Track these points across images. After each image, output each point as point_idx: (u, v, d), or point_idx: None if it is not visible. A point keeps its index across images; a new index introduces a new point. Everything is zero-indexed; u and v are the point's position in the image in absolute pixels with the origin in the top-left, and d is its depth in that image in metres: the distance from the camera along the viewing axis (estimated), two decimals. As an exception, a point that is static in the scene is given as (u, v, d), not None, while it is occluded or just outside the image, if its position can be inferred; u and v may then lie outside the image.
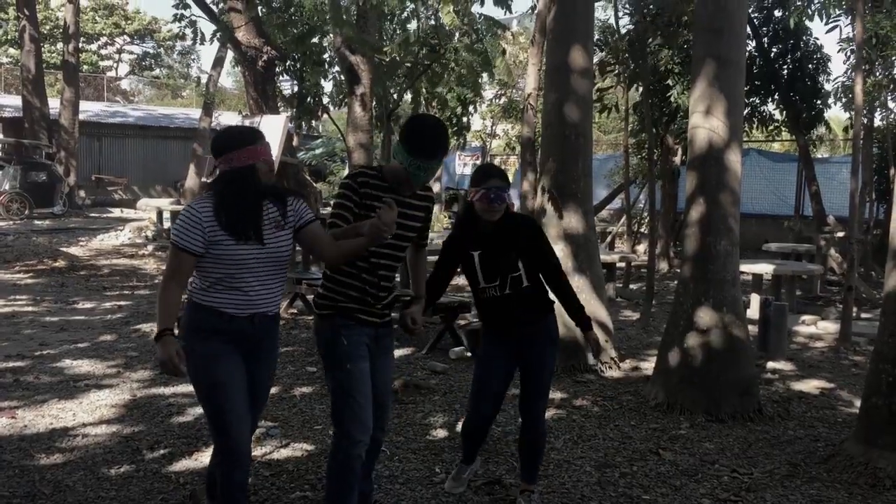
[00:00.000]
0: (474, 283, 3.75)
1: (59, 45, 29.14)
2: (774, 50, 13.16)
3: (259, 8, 14.75)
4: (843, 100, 13.02)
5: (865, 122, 12.14)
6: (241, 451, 3.13)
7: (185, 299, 3.19)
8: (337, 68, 13.00)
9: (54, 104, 22.43)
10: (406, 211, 3.30)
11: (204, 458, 4.42)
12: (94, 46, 40.61)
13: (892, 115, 12.97)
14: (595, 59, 9.65)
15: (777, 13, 13.07)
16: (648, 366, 6.49)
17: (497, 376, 3.83)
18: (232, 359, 3.11)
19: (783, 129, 14.47)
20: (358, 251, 3.15)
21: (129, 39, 42.20)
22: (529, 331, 3.78)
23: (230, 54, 20.37)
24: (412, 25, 10.17)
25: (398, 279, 8.18)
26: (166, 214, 16.18)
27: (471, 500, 3.99)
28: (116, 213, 21.63)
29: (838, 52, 13.28)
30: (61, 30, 25.40)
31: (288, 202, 3.16)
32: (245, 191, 3.04)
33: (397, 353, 6.94)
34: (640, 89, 11.10)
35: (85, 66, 35.26)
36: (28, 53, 21.09)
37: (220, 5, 16.41)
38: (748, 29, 11.21)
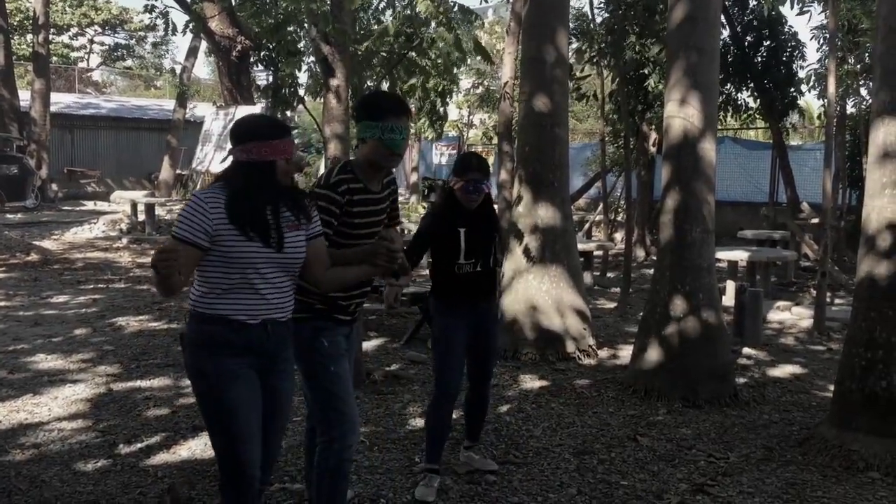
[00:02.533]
0: (452, 258, 3.86)
1: (29, 37, 28.69)
2: (749, 38, 13.24)
3: (232, -2, 14.61)
4: (817, 88, 13.15)
5: (838, 109, 12.26)
6: (249, 477, 2.81)
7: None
8: (312, 58, 12.92)
9: (25, 96, 22.09)
10: (377, 207, 3.25)
11: (181, 451, 4.41)
12: (64, 38, 40.02)
13: (865, 103, 13.10)
14: (571, 48, 9.67)
15: (752, 2, 13.16)
16: (626, 353, 6.53)
17: (461, 350, 3.95)
18: (247, 377, 2.77)
19: (757, 116, 14.58)
20: (357, 280, 3.07)
21: (99, 30, 41.63)
22: (486, 307, 4.06)
23: (205, 44, 20.19)
24: (387, 16, 10.11)
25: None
26: (140, 207, 16.02)
27: (452, 488, 4.00)
28: (90, 205, 21.36)
29: (811, 39, 13.43)
30: (31, 21, 25.02)
31: (304, 205, 2.89)
32: (261, 187, 2.73)
33: (375, 343, 6.95)
34: (617, 78, 11.12)
35: (55, 58, 34.77)
36: (-3, 45, 20.73)
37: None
38: (722, 17, 11.27)
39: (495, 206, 4.32)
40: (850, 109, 13.72)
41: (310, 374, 3.17)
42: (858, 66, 12.60)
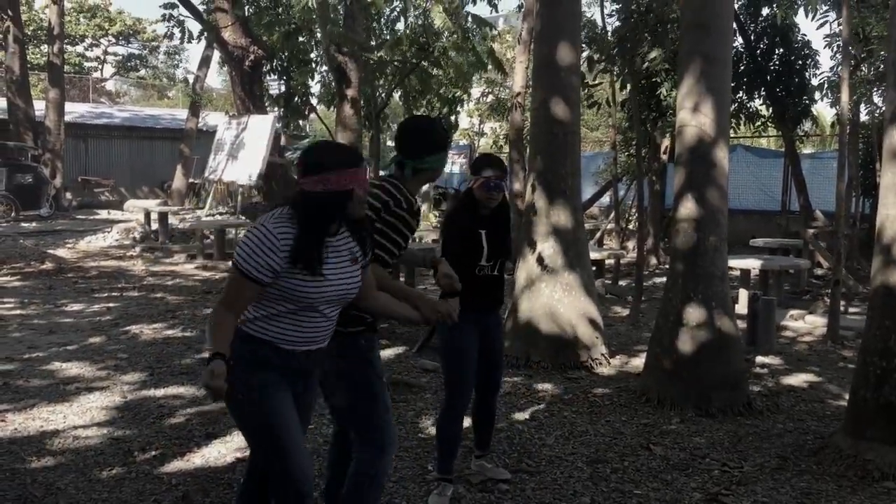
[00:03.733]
0: (473, 260, 3.84)
1: (44, 47, 28.97)
2: (761, 46, 13.22)
3: (246, 8, 14.74)
4: (830, 96, 13.12)
5: (851, 117, 12.22)
6: (306, 483, 2.76)
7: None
8: (325, 68, 13.02)
9: (39, 106, 22.28)
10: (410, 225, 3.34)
11: (196, 459, 4.42)
12: (78, 48, 40.38)
13: (878, 111, 13.05)
14: (583, 56, 9.67)
15: (765, 11, 13.14)
16: (638, 362, 6.52)
17: (475, 358, 3.92)
18: (283, 389, 2.76)
19: (770, 124, 14.54)
20: (400, 319, 3.15)
21: (113, 41, 41.98)
22: (495, 313, 4.10)
23: (217, 53, 20.32)
24: (400, 25, 10.19)
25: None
26: (153, 216, 16.11)
27: (465, 496, 4.00)
28: (103, 214, 21.49)
29: (824, 47, 13.40)
30: (45, 31, 25.26)
31: (367, 240, 2.87)
32: (332, 220, 2.66)
33: (388, 351, 6.95)
34: (629, 86, 11.13)
35: (69, 68, 35.02)
36: (12, 55, 20.94)
37: (209, 4, 16.37)
38: (735, 26, 11.26)
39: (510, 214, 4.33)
40: (863, 117, 13.67)
41: (361, 386, 3.12)
42: (872, 74, 12.55)
